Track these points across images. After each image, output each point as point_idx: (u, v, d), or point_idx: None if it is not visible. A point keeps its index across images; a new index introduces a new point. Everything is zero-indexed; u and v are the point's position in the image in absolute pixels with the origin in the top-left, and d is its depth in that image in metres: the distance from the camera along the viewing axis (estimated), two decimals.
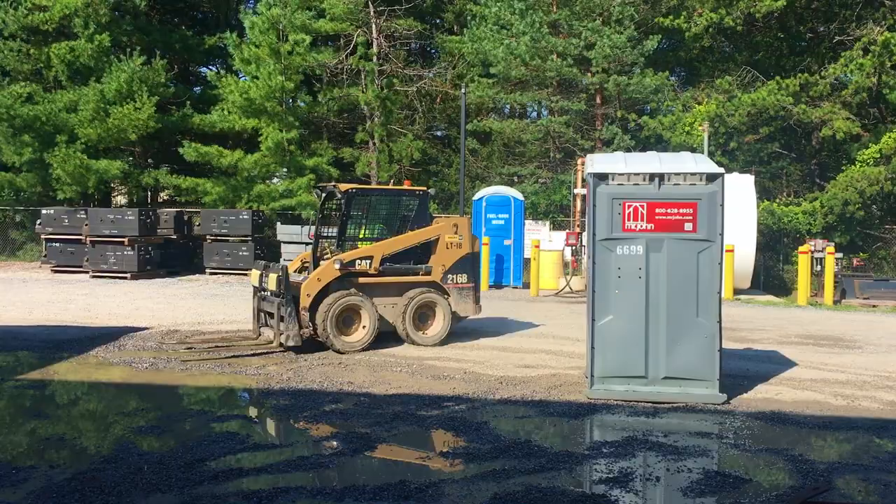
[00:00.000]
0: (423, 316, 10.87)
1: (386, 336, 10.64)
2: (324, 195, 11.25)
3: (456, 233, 11.16)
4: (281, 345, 10.01)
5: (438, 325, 10.95)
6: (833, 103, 23.22)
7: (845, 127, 22.60)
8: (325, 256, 10.81)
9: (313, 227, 12.41)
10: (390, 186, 14.44)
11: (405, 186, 13.13)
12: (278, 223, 22.81)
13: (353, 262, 10.31)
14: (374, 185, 12.96)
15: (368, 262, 10.40)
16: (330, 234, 11.13)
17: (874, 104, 25.34)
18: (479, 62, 27.44)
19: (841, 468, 5.92)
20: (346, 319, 10.24)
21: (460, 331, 12.11)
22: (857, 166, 22.39)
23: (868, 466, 5.98)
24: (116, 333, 11.40)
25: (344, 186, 10.74)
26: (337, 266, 10.18)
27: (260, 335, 10.76)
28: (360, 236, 11.09)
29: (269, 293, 10.34)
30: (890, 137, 21.78)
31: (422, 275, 10.91)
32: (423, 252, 11.07)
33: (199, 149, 24.40)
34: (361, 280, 10.41)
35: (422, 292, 10.78)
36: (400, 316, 10.63)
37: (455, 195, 26.79)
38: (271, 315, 10.30)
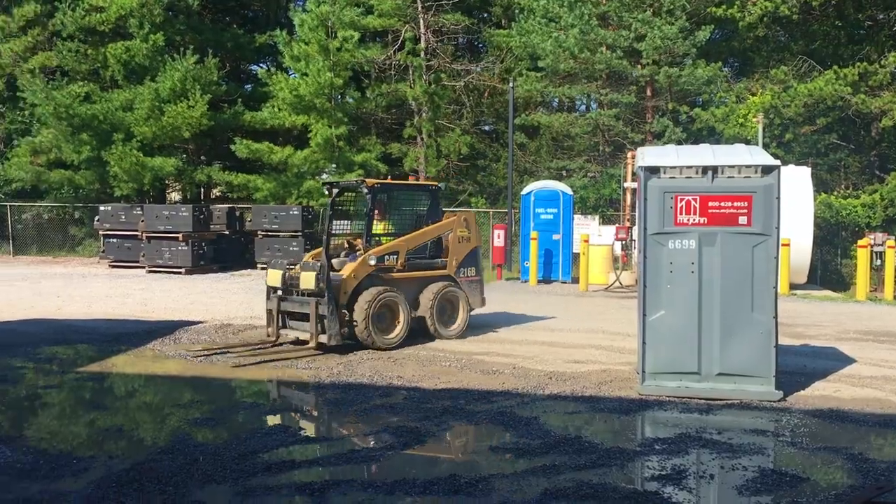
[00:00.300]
0: (441, 309, 10.86)
1: (416, 332, 10.61)
2: (335, 191, 10.97)
3: (466, 227, 11.28)
4: (320, 345, 9.78)
5: (460, 319, 11.07)
6: (893, 93, 22.53)
7: None
8: (340, 254, 10.77)
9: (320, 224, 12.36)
10: (408, 182, 14.29)
11: (419, 181, 13.10)
12: None
13: (382, 258, 10.26)
14: (389, 180, 12.67)
15: (395, 257, 10.35)
16: (340, 231, 11.06)
17: None
18: (527, 56, 27.28)
19: None
20: (380, 316, 10.10)
21: (508, 325, 12.09)
22: None
23: None
24: (172, 327, 11.64)
25: (370, 181, 10.61)
26: (373, 262, 10.09)
27: (278, 338, 10.26)
28: (381, 232, 10.97)
29: (299, 292, 9.94)
30: None
31: (438, 269, 10.94)
32: (435, 247, 11.09)
33: (250, 145, 24.77)
34: (388, 276, 10.32)
35: (445, 286, 10.84)
36: (428, 310, 10.58)
37: (503, 190, 26.72)
38: (297, 316, 10.04)
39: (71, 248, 27.64)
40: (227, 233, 22.92)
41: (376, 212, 10.77)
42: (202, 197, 30.50)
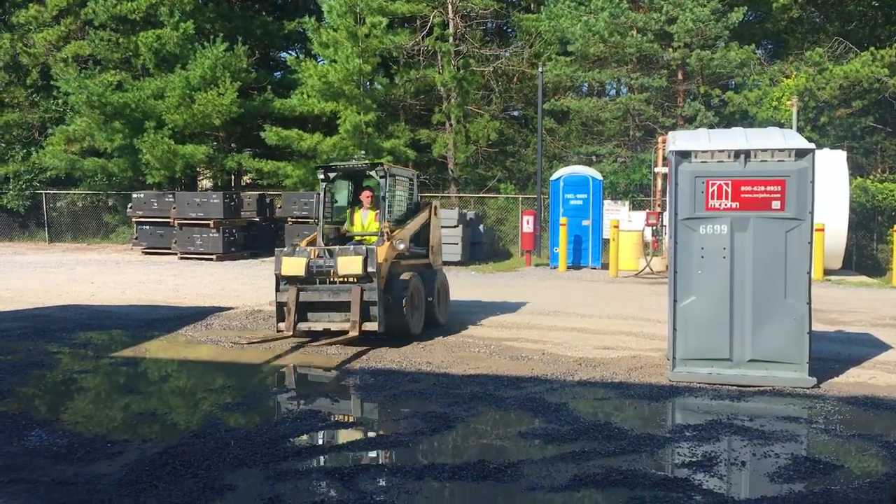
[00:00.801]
0: (444, 294, 10.95)
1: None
2: (332, 175, 10.58)
3: (435, 214, 11.25)
4: (364, 333, 9.29)
5: (447, 305, 11.15)
6: None
7: None
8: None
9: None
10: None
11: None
12: None
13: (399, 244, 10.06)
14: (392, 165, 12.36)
15: (402, 243, 10.11)
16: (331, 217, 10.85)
17: None
18: (556, 40, 27.03)
19: None
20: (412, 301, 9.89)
21: (537, 312, 12.05)
22: None
23: None
24: (203, 313, 11.77)
25: (386, 165, 10.39)
26: (401, 246, 9.86)
27: (294, 332, 9.50)
28: (373, 219, 10.66)
29: (331, 280, 9.43)
30: None
31: (423, 257, 10.90)
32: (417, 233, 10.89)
33: (279, 132, 24.90)
34: (402, 262, 10.13)
35: (440, 272, 11.03)
36: (435, 296, 10.54)
37: (532, 176, 26.59)
38: (323, 306, 9.50)
39: (105, 234, 28.06)
40: (257, 219, 23.11)
41: (370, 198, 10.75)
42: (233, 184, 30.77)
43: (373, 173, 10.37)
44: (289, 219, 22.28)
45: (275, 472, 5.25)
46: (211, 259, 20.83)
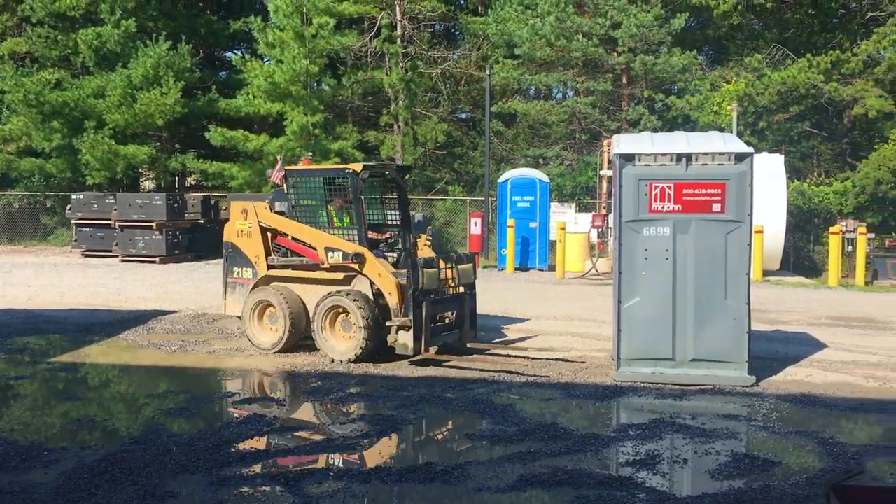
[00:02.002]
0: None
1: None
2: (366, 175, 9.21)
3: None
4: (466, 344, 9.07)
5: None
6: (865, 81, 22.74)
7: (878, 105, 22.14)
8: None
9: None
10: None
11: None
12: None
13: None
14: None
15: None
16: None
17: None
18: (503, 43, 27.21)
19: (873, 451, 5.84)
20: None
21: (484, 313, 12.10)
22: (890, 145, 21.91)
23: None
24: (145, 317, 11.53)
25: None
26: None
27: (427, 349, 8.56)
28: (347, 224, 9.19)
29: (443, 292, 8.82)
30: None
31: None
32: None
33: (224, 133, 24.52)
34: None
35: None
36: None
37: (480, 178, 26.70)
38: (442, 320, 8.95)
39: (42, 237, 27.24)
40: (202, 221, 22.71)
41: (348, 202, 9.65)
42: (176, 185, 30.19)
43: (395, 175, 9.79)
44: None
45: (218, 477, 5.16)
46: (154, 262, 20.40)
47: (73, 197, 22.41)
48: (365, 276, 8.71)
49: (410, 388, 7.55)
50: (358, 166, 9.06)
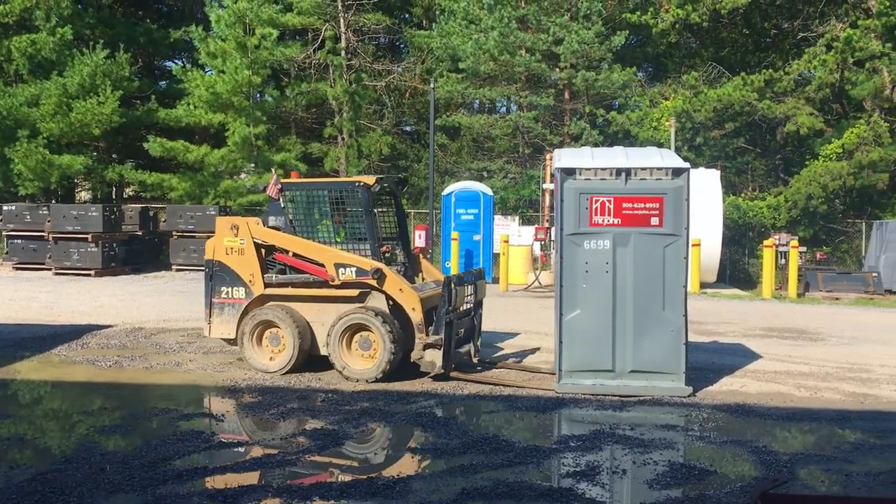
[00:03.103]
0: None
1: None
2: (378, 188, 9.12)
3: None
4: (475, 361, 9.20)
5: None
6: (797, 99, 23.57)
7: (809, 122, 22.96)
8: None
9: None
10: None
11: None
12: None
13: None
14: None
15: None
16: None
17: (837, 100, 25.77)
18: (447, 57, 27.41)
19: (804, 459, 6.00)
20: None
21: None
22: (821, 161, 22.74)
23: (830, 457, 6.06)
24: (80, 331, 11.21)
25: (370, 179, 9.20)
26: None
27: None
28: (343, 238, 9.20)
29: (460, 307, 8.68)
30: (852, 133, 22.16)
31: None
32: None
33: (164, 144, 24.08)
34: None
35: None
36: None
37: (424, 190, 26.74)
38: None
39: None
40: (140, 233, 22.26)
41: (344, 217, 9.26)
42: (114, 196, 29.55)
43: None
44: (174, 233, 21.56)
45: (153, 496, 5.04)
46: (89, 275, 19.87)
47: (5, 208, 21.71)
48: (383, 292, 8.42)
49: (352, 401, 7.49)
50: (370, 179, 8.89)
